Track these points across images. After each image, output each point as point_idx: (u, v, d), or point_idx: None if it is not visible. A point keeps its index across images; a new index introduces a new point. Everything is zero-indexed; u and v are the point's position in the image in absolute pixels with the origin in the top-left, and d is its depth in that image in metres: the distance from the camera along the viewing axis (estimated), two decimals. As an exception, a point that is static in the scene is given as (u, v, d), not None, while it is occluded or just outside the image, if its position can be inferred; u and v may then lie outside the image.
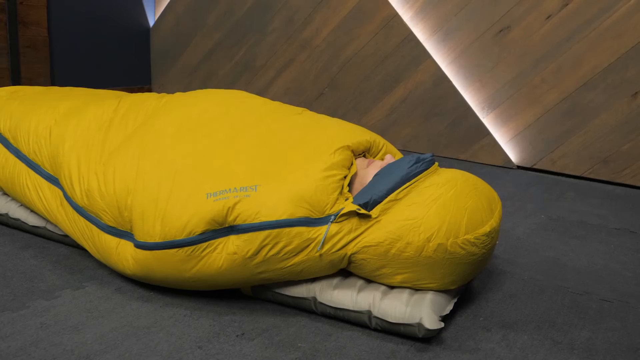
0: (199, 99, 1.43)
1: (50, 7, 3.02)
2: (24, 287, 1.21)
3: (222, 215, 1.13)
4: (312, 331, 1.12)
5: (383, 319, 1.12)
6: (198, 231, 1.14)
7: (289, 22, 3.18)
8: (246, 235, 1.12)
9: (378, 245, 1.13)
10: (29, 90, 1.69)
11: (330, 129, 1.32)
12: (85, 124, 1.40)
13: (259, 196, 1.14)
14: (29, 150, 1.42)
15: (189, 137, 1.30)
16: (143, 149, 1.29)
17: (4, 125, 1.52)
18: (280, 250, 1.12)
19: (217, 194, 1.15)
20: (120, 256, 1.22)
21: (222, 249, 1.14)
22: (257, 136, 1.29)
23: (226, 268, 1.14)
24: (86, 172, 1.30)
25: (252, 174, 1.18)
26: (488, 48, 2.71)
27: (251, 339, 1.08)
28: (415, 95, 2.90)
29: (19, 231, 1.50)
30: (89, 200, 1.26)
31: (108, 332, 1.07)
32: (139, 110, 1.42)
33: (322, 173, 1.17)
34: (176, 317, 1.14)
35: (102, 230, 1.25)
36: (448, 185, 1.16)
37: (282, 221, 1.11)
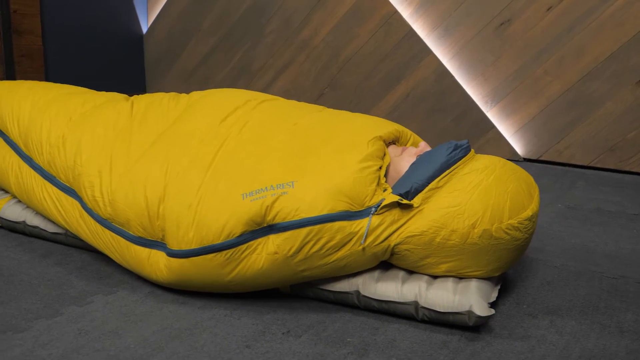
0: (220, 100, 1.39)
1: (44, 15, 2.96)
2: (54, 294, 1.16)
3: (261, 215, 1.10)
4: (358, 326, 1.09)
5: (431, 309, 1.09)
6: (237, 233, 1.10)
7: (286, 24, 3.15)
8: (287, 234, 1.09)
9: (422, 234, 1.10)
10: (25, 86, 1.59)
11: (357, 122, 1.30)
12: (101, 130, 1.35)
13: (296, 192, 1.10)
14: (43, 160, 1.37)
15: (216, 139, 1.26)
16: (171, 154, 1.24)
17: (13, 131, 1.46)
18: (323, 246, 1.09)
19: (253, 194, 1.11)
20: (153, 267, 1.18)
21: (262, 249, 1.11)
22: (285, 133, 1.25)
23: (267, 268, 1.11)
24: (108, 182, 1.25)
25: (286, 170, 1.15)
26: (489, 42, 2.71)
27: (298, 336, 1.04)
28: (418, 92, 2.89)
29: (37, 239, 1.45)
30: (114, 211, 1.22)
31: (150, 335, 1.03)
32: (158, 115, 1.37)
33: (359, 164, 1.14)
34: (217, 317, 1.10)
35: (131, 242, 1.21)
36: (487, 170, 1.14)
37: (323, 216, 1.08)
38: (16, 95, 1.52)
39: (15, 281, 1.21)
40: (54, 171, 1.34)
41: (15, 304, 1.12)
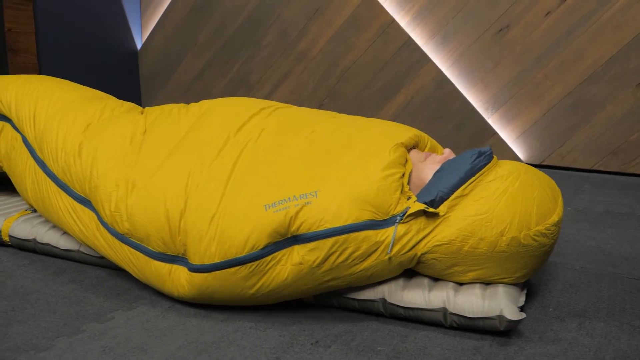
0: (234, 108, 1.36)
1: (38, 34, 2.94)
2: (72, 311, 1.13)
3: (285, 226, 1.08)
4: (386, 334, 1.07)
5: (460, 315, 1.07)
6: (260, 245, 1.08)
7: (283, 36, 3.15)
8: (312, 244, 1.07)
9: (450, 243, 1.09)
10: (43, 84, 1.55)
11: (376, 128, 1.28)
12: (118, 141, 1.32)
13: (320, 202, 1.08)
14: (58, 168, 1.34)
15: (233, 149, 1.23)
16: (190, 166, 1.22)
17: (29, 133, 1.43)
18: (349, 256, 1.07)
19: (276, 205, 1.09)
20: (174, 282, 1.15)
21: (287, 260, 1.08)
22: (303, 141, 1.23)
23: (292, 280, 1.09)
24: (126, 196, 1.21)
25: (307, 180, 1.12)
26: (488, 48, 2.72)
27: (327, 346, 1.02)
28: (418, 100, 2.89)
29: (48, 256, 1.42)
30: (132, 226, 1.19)
31: (176, 350, 1.00)
32: (170, 125, 1.34)
33: (382, 172, 1.12)
34: (242, 330, 1.07)
35: (151, 257, 1.18)
36: (512, 177, 1.12)
37: (348, 226, 1.06)
38: (33, 95, 1.49)
39: (31, 300, 1.18)
40: (69, 180, 1.32)
41: (34, 322, 1.08)
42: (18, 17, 2.80)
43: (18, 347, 1.00)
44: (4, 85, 1.56)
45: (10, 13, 2.76)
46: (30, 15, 2.87)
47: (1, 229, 1.44)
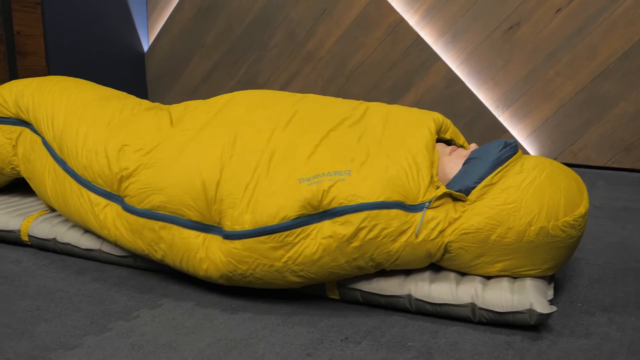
0: (263, 93, 1.38)
1: (47, 36, 2.94)
2: (97, 310, 1.13)
3: (317, 199, 1.08)
4: (415, 330, 1.06)
5: (489, 310, 1.06)
6: (292, 216, 1.08)
7: (290, 36, 3.14)
8: (343, 218, 1.07)
9: (477, 232, 1.08)
10: (57, 86, 1.55)
11: (403, 115, 1.30)
12: (143, 134, 1.33)
13: (353, 180, 1.10)
14: (78, 165, 1.33)
15: (267, 125, 1.24)
16: (223, 139, 1.23)
17: (47, 133, 1.43)
18: (379, 233, 1.07)
19: (310, 179, 1.11)
20: (207, 251, 1.15)
21: (317, 234, 1.08)
22: (335, 126, 1.24)
23: (321, 254, 1.08)
24: (155, 172, 1.22)
25: (341, 160, 1.15)
26: (498, 46, 2.71)
27: (357, 342, 1.01)
28: (428, 99, 2.88)
29: (68, 256, 1.41)
30: (167, 198, 1.19)
31: (205, 347, 0.99)
32: (199, 113, 1.35)
33: (411, 161, 1.15)
34: (270, 327, 1.06)
35: (186, 227, 1.18)
36: (539, 168, 1.13)
37: (380, 202, 1.07)
38: (49, 97, 1.49)
39: (55, 299, 1.17)
40: (90, 176, 1.31)
41: (60, 321, 1.08)
42: (27, 20, 2.80)
43: (47, 345, 0.99)
44: (21, 89, 1.55)
45: (19, 16, 2.75)
46: (39, 18, 2.86)
47: (20, 228, 1.43)
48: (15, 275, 1.29)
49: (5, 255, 1.41)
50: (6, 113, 1.56)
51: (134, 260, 1.32)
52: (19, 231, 1.44)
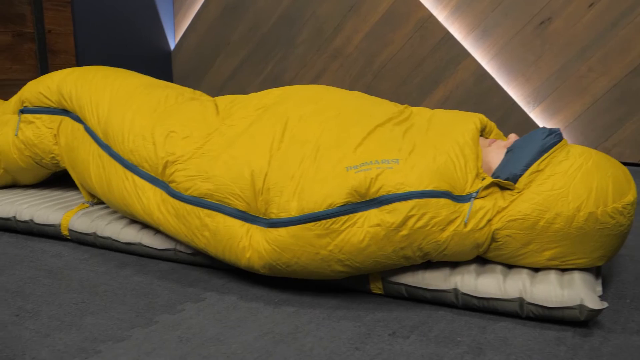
0: (312, 87, 1.39)
1: (77, 35, 2.96)
2: (142, 303, 1.13)
3: (365, 187, 1.08)
4: (463, 325, 1.05)
5: (538, 305, 1.04)
6: (338, 203, 1.08)
7: (318, 33, 3.14)
8: (391, 206, 1.06)
9: (524, 218, 1.07)
10: (100, 74, 1.58)
11: (448, 115, 1.30)
12: (190, 121, 1.35)
13: (401, 168, 1.10)
14: (124, 149, 1.35)
15: (315, 118, 1.25)
16: (273, 131, 1.24)
17: (91, 120, 1.45)
18: (428, 222, 1.06)
19: (357, 167, 1.10)
20: (250, 241, 1.15)
21: (364, 222, 1.07)
22: (381, 122, 1.24)
23: (368, 243, 1.07)
24: (204, 162, 1.23)
25: (388, 149, 1.14)
26: (529, 41, 2.68)
27: (405, 337, 1.00)
28: (457, 95, 2.85)
29: (108, 250, 1.42)
30: (215, 186, 1.19)
31: (253, 340, 0.98)
32: (246, 107, 1.36)
33: (459, 152, 1.14)
34: (315, 321, 1.06)
35: (230, 215, 1.18)
36: (584, 156, 1.12)
37: (429, 191, 1.07)
38: (92, 84, 1.51)
39: (99, 292, 1.18)
40: (136, 160, 1.32)
41: (106, 314, 1.08)
42: (57, 18, 2.82)
43: (95, 337, 0.99)
44: (63, 77, 1.58)
45: (50, 15, 2.78)
46: (69, 17, 2.89)
47: (61, 223, 1.44)
48: (58, 269, 1.30)
49: (46, 250, 1.42)
50: (48, 103, 1.58)
51: (175, 254, 1.32)
52: (60, 225, 1.45)
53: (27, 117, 1.60)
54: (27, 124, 1.59)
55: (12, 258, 1.36)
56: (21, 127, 1.60)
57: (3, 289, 1.19)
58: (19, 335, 1.00)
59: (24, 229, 1.50)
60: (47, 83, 1.59)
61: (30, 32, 2.71)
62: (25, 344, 0.97)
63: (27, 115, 1.60)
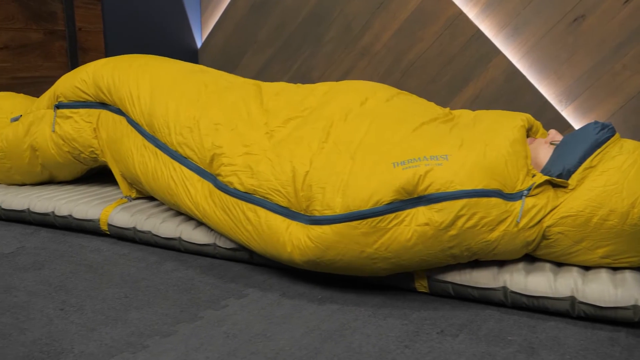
0: (356, 85, 1.38)
1: (106, 33, 2.98)
2: (185, 298, 1.12)
3: (413, 184, 1.06)
4: (512, 324, 1.03)
5: (590, 304, 1.02)
6: (386, 201, 1.06)
7: (346, 31, 3.12)
8: (440, 205, 1.04)
9: (577, 215, 1.05)
10: (136, 62, 1.57)
11: (494, 113, 1.29)
12: (234, 112, 1.35)
13: (451, 165, 1.07)
14: (172, 141, 1.35)
15: (360, 118, 1.24)
16: (317, 131, 1.23)
17: (133, 111, 1.44)
18: (478, 222, 1.04)
19: (405, 163, 1.08)
20: (291, 236, 1.14)
21: (411, 220, 1.05)
22: (426, 121, 1.23)
23: (415, 242, 1.05)
24: (251, 158, 1.23)
25: (436, 145, 1.12)
26: (562, 39, 2.63)
27: (454, 336, 0.98)
28: (488, 93, 2.82)
29: (146, 246, 1.41)
30: (258, 182, 1.19)
31: (300, 337, 0.97)
32: (292, 101, 1.35)
33: (509, 148, 1.12)
34: (361, 318, 1.04)
35: (273, 211, 1.17)
36: (639, 151, 1.09)
37: (480, 190, 1.04)
38: (130, 75, 1.51)
39: (141, 287, 1.17)
40: (184, 152, 1.32)
41: (150, 309, 1.07)
42: (88, 16, 2.84)
43: (141, 332, 0.99)
44: (99, 69, 1.56)
45: (80, 12, 2.79)
46: (99, 15, 2.90)
47: (99, 217, 1.45)
48: (98, 264, 1.30)
49: (85, 245, 1.42)
50: (85, 97, 1.57)
51: (214, 249, 1.32)
52: (99, 220, 1.45)
53: (63, 112, 1.59)
54: (65, 119, 1.59)
55: (52, 253, 1.37)
56: (58, 122, 1.59)
57: (46, 283, 1.19)
58: (65, 329, 0.99)
59: (62, 224, 1.51)
60: (82, 76, 1.58)
61: (61, 30, 2.72)
62: (72, 338, 0.97)
63: (64, 110, 1.59)
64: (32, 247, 1.40)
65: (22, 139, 1.64)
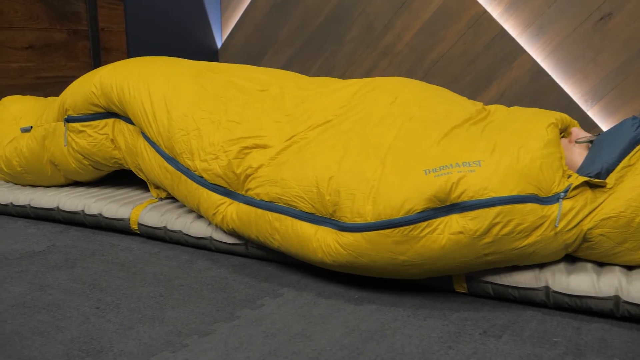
0: (387, 87, 1.35)
1: (128, 33, 2.98)
2: (220, 297, 1.11)
3: (445, 192, 1.03)
4: (555, 325, 1.01)
5: (636, 304, 1.00)
6: (418, 209, 1.04)
7: (367, 30, 3.10)
8: (474, 213, 1.02)
9: (619, 216, 1.02)
10: (137, 71, 1.48)
11: (526, 111, 1.26)
12: (256, 121, 1.32)
13: (483, 171, 1.04)
14: (196, 166, 1.31)
15: (389, 120, 1.21)
16: (343, 135, 1.21)
17: (149, 131, 1.39)
18: (514, 229, 1.02)
19: (437, 170, 1.05)
20: (320, 242, 1.12)
21: (444, 228, 1.03)
22: (458, 124, 1.19)
23: (449, 250, 1.03)
24: (277, 165, 1.22)
25: (468, 150, 1.09)
26: (588, 38, 2.60)
27: (497, 337, 0.96)
28: (512, 93, 2.79)
29: (177, 245, 1.41)
30: (282, 190, 1.17)
31: (340, 337, 0.96)
32: (314, 106, 1.33)
33: (543, 150, 1.08)
34: (401, 319, 1.03)
35: (299, 219, 1.15)
36: None
37: (514, 197, 1.02)
38: (141, 85, 1.44)
39: (175, 286, 1.16)
40: (210, 177, 1.29)
41: (187, 308, 1.06)
42: (110, 16, 2.84)
43: (180, 331, 0.98)
44: (105, 79, 1.48)
45: (103, 12, 2.80)
46: (122, 15, 2.91)
47: (130, 217, 1.44)
48: (130, 262, 1.29)
49: (115, 243, 1.42)
50: (94, 109, 1.50)
51: (246, 249, 1.30)
52: (129, 219, 1.44)
53: (74, 127, 1.52)
54: (77, 133, 1.52)
55: (83, 251, 1.36)
56: (72, 137, 1.53)
57: (79, 281, 1.18)
58: (102, 328, 0.99)
59: (92, 223, 1.50)
60: (89, 88, 1.49)
61: (84, 30, 2.73)
62: (110, 336, 0.96)
63: (75, 125, 1.52)
64: (62, 246, 1.40)
65: (39, 154, 1.60)
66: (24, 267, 1.26)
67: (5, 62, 2.43)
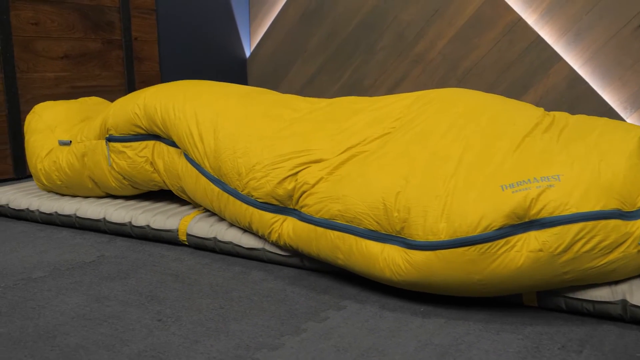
0: (446, 99, 1.31)
1: (160, 43, 2.98)
2: (282, 310, 1.08)
3: (524, 208, 1.00)
4: (635, 339, 0.96)
5: None
6: (495, 226, 1.00)
7: (399, 39, 3.08)
8: (555, 229, 0.98)
9: None
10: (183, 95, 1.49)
11: (597, 120, 1.22)
12: (308, 141, 1.30)
13: (564, 186, 1.00)
14: (245, 187, 1.29)
15: (454, 132, 1.18)
16: (409, 149, 1.18)
17: (194, 153, 1.38)
18: (595, 246, 0.98)
19: (514, 185, 1.02)
20: (387, 261, 1.09)
21: (522, 246, 1.00)
22: (527, 131, 1.16)
23: (527, 268, 1.00)
24: (335, 180, 1.19)
25: (545, 164, 1.05)
26: (627, 44, 2.56)
27: (577, 352, 0.92)
28: (548, 100, 2.75)
29: (227, 255, 1.38)
30: (344, 207, 1.14)
31: (414, 352, 0.93)
32: (374, 116, 1.32)
33: (626, 162, 1.04)
34: (473, 333, 0.99)
35: (363, 237, 1.12)
36: None
37: (597, 212, 0.97)
38: (187, 107, 1.44)
39: (233, 297, 1.14)
40: (261, 196, 1.27)
41: (250, 320, 1.04)
42: (143, 26, 2.85)
43: (247, 345, 0.95)
44: (149, 101, 1.49)
45: (136, 22, 2.80)
46: (154, 24, 2.91)
47: (178, 228, 1.42)
48: (183, 273, 1.27)
49: (164, 254, 1.40)
50: (137, 130, 1.50)
51: (300, 261, 1.28)
52: (177, 230, 1.42)
53: (115, 147, 1.53)
54: (117, 153, 1.53)
55: (134, 262, 1.34)
56: (112, 157, 1.53)
57: (136, 293, 1.16)
58: (168, 341, 0.96)
59: (139, 234, 1.49)
60: (133, 109, 1.50)
61: (118, 40, 2.73)
62: (177, 350, 0.93)
63: (116, 145, 1.53)
64: (112, 256, 1.38)
65: (79, 170, 1.62)
66: (77, 278, 1.24)
67: (42, 71, 2.44)
